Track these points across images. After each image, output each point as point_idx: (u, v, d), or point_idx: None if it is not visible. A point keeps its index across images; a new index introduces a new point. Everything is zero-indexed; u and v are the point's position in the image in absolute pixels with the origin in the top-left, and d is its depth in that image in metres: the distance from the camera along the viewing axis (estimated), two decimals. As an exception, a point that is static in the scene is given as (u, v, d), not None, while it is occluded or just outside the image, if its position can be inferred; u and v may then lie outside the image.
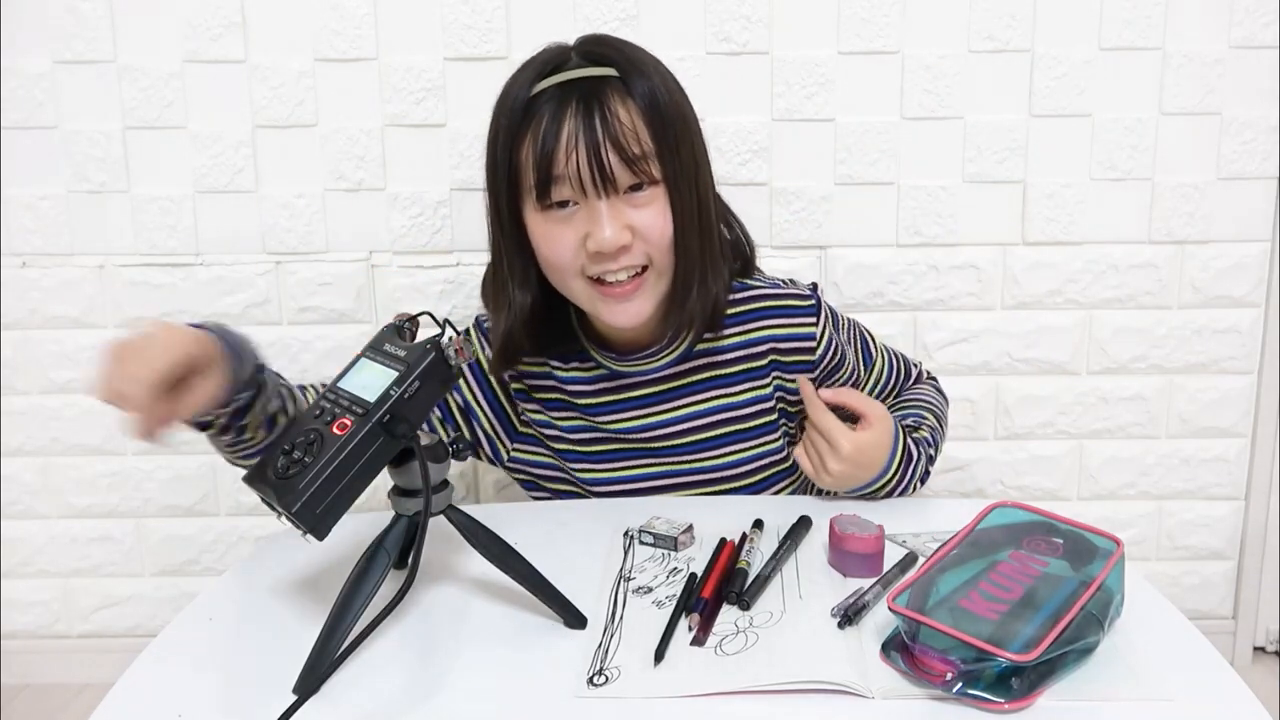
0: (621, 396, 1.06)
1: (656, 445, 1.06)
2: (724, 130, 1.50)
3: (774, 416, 1.06)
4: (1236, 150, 1.50)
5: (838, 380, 1.09)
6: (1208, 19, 1.46)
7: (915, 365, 1.21)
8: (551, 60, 0.95)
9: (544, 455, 1.10)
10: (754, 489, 1.07)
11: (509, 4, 1.47)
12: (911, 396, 1.16)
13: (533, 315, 1.01)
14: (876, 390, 1.15)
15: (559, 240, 0.94)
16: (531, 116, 0.92)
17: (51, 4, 1.47)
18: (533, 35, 1.46)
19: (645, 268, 0.96)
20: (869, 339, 1.15)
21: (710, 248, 0.99)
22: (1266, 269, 1.55)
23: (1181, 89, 1.48)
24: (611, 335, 1.05)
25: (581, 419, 1.07)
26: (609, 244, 0.91)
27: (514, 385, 1.09)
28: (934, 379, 1.23)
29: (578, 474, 1.08)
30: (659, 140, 0.93)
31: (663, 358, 1.04)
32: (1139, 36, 1.47)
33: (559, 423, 1.08)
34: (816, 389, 1.07)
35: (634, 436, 1.06)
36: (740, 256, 1.09)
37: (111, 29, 1.48)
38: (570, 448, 1.08)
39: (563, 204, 0.93)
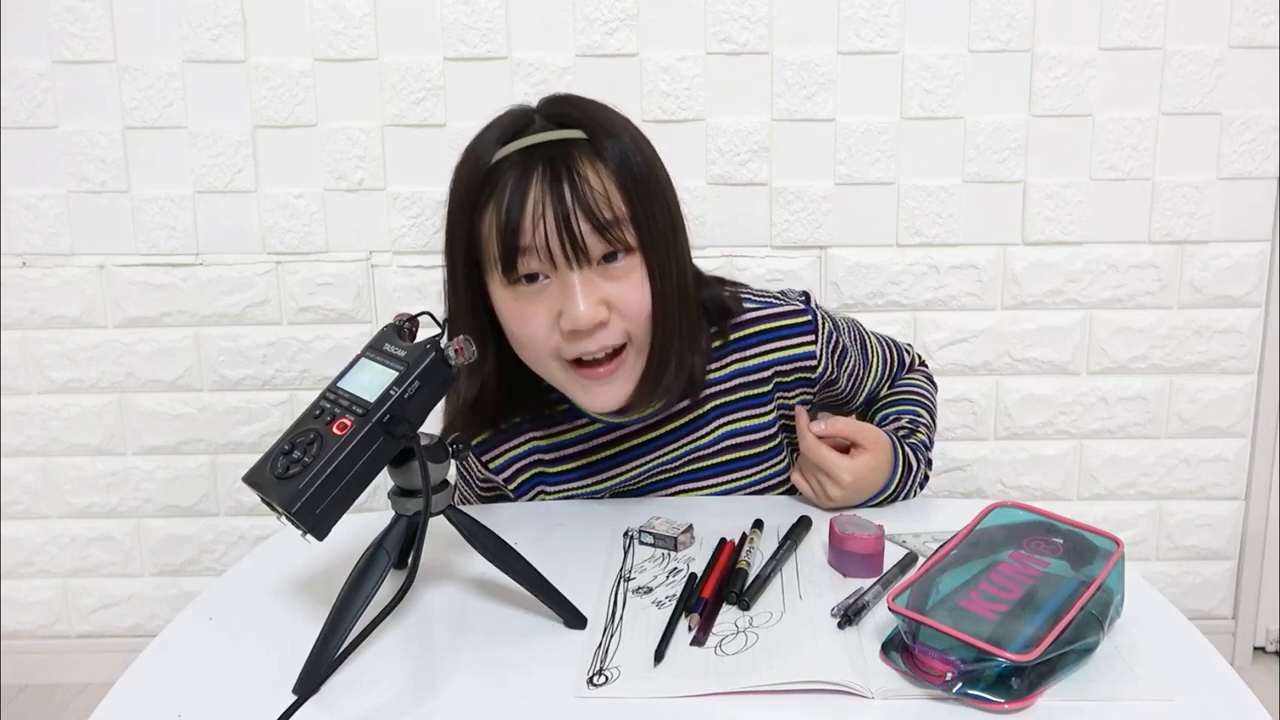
0: (625, 446, 1.02)
1: (661, 479, 1.04)
2: (724, 130, 1.50)
3: (778, 440, 1.04)
4: (1236, 150, 1.50)
5: (838, 388, 1.08)
6: (1208, 19, 1.46)
7: (906, 350, 1.19)
8: (514, 124, 0.88)
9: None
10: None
11: (509, 4, 1.47)
12: (904, 390, 1.14)
13: (479, 399, 0.96)
14: (874, 384, 1.14)
15: (530, 319, 0.87)
16: (494, 184, 0.85)
17: (51, 4, 1.47)
18: (533, 35, 1.48)
19: (623, 346, 0.89)
20: (866, 338, 1.14)
21: (689, 318, 0.93)
22: (1266, 269, 1.55)
23: (1181, 89, 1.48)
24: None
25: (577, 486, 1.03)
26: (584, 321, 0.84)
27: (495, 492, 1.07)
28: (924, 364, 1.22)
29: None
30: (632, 204, 0.86)
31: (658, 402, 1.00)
32: (1139, 36, 1.47)
33: (551, 499, 1.04)
34: (814, 408, 1.06)
35: (639, 481, 1.03)
36: (723, 316, 1.02)
37: (111, 29, 1.48)
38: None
39: (532, 278, 0.86)
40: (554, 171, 0.84)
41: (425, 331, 0.75)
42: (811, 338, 1.01)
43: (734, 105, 1.50)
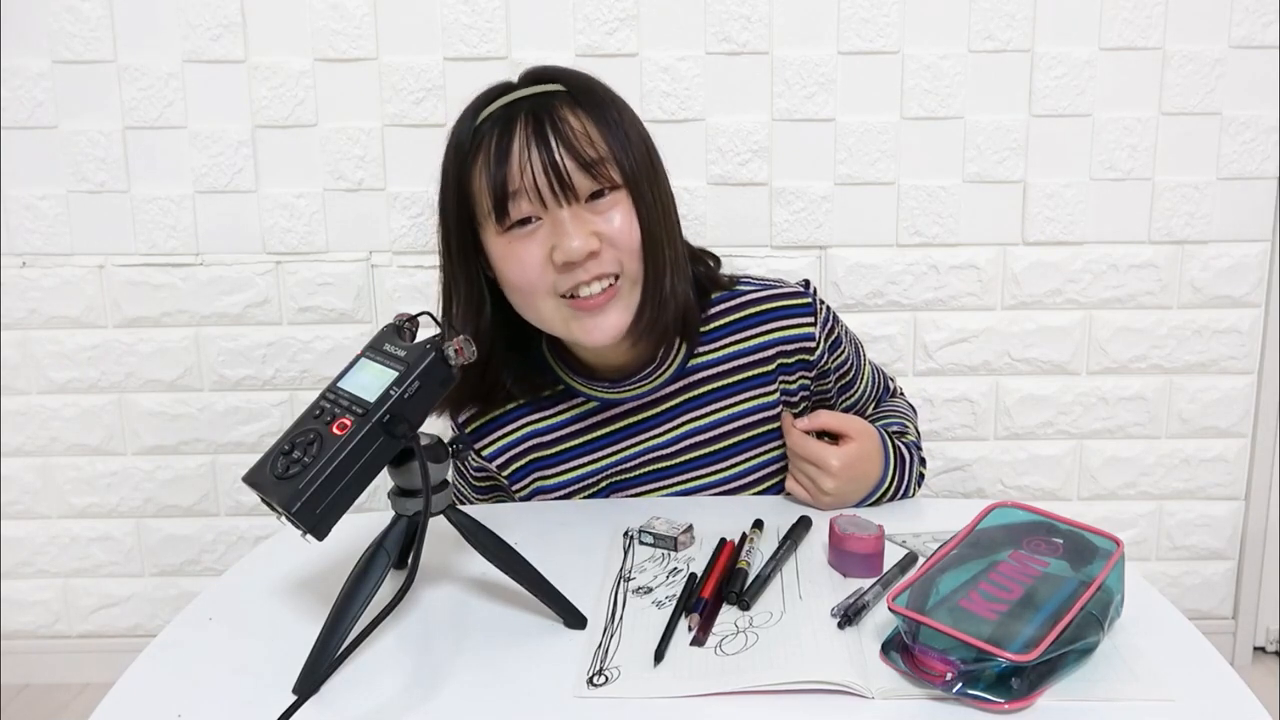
0: (618, 425, 1.02)
1: (660, 467, 1.04)
2: (724, 130, 1.50)
3: (779, 423, 1.05)
4: (1236, 150, 1.50)
5: (827, 386, 1.08)
6: (1208, 19, 1.46)
7: (890, 379, 1.21)
8: (494, 91, 0.93)
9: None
10: (765, 495, 1.06)
11: (509, 4, 1.47)
12: (889, 408, 1.16)
13: (479, 360, 0.98)
14: (861, 395, 1.14)
15: (524, 258, 0.90)
16: (478, 143, 0.90)
17: (51, 4, 1.47)
18: (533, 35, 1.48)
19: (617, 277, 0.92)
20: (859, 345, 1.14)
21: (676, 253, 0.96)
22: (1266, 269, 1.55)
23: (1181, 89, 1.48)
24: (597, 364, 1.01)
25: (572, 467, 1.04)
26: (577, 252, 0.87)
27: (489, 481, 1.07)
28: (903, 393, 1.23)
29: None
30: (613, 143, 0.90)
31: (657, 378, 1.01)
32: (1139, 36, 1.47)
33: (548, 482, 1.05)
34: (809, 398, 1.07)
35: (635, 464, 1.03)
36: (711, 278, 1.05)
37: (111, 29, 1.48)
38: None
39: (524, 222, 0.89)
40: (536, 118, 0.88)
41: (425, 331, 0.75)
42: (810, 319, 1.02)
43: (734, 105, 1.50)
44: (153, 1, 1.47)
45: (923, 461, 1.05)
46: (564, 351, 1.02)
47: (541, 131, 0.87)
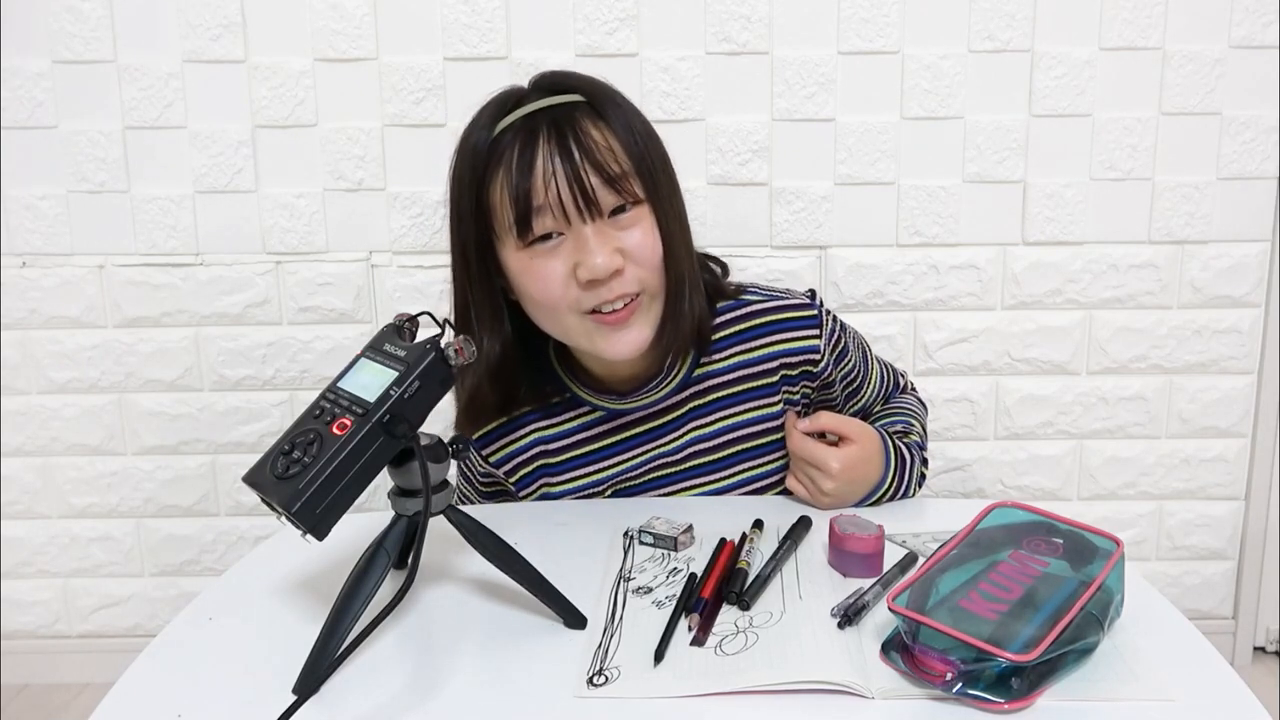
0: (624, 435, 1.02)
1: (665, 474, 1.04)
2: (724, 130, 1.50)
3: (782, 433, 1.04)
4: (1236, 150, 1.51)
5: (833, 393, 1.08)
6: (1208, 19, 1.46)
7: (901, 374, 1.21)
8: (509, 99, 0.91)
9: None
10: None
11: (509, 4, 1.47)
12: (895, 407, 1.16)
13: (502, 366, 0.97)
14: (870, 397, 1.14)
15: (546, 275, 0.89)
16: (499, 154, 0.88)
17: (51, 4, 1.47)
18: (533, 35, 1.48)
19: (638, 294, 0.91)
20: (866, 348, 1.14)
21: (692, 264, 0.96)
22: (1266, 269, 1.55)
23: (1181, 89, 1.49)
24: (605, 375, 1.01)
25: (578, 475, 1.03)
26: (601, 270, 0.87)
27: (495, 485, 1.07)
28: (914, 389, 1.23)
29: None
30: (636, 158, 0.89)
31: (663, 389, 1.01)
32: (1139, 36, 1.47)
33: (554, 489, 1.04)
34: (810, 405, 1.07)
35: (640, 471, 1.03)
36: (718, 287, 1.05)
37: (111, 29, 1.48)
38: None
39: (546, 237, 0.88)
40: (559, 131, 0.87)
41: (425, 331, 0.75)
42: (816, 332, 1.02)
43: (734, 105, 1.50)
44: (153, 1, 1.47)
45: (925, 462, 1.05)
46: (571, 361, 1.02)
47: (565, 145, 0.86)
